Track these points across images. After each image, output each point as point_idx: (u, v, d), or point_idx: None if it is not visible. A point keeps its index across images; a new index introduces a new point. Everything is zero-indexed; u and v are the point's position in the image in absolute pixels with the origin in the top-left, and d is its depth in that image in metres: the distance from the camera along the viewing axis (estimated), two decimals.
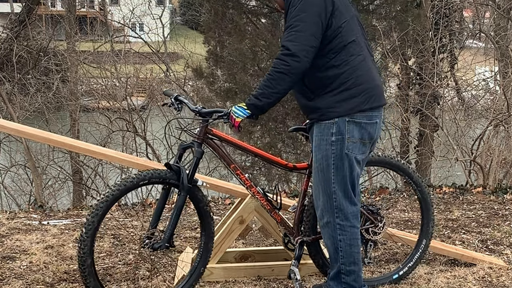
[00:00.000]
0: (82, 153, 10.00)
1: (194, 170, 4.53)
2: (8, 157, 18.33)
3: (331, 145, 4.21)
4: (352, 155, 4.22)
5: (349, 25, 4.15)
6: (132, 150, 16.47)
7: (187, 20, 45.79)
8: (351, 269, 4.35)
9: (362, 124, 4.20)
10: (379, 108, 4.28)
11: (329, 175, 4.26)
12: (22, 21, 18.64)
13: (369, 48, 4.40)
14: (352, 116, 4.16)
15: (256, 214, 4.98)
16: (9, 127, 5.36)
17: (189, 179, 4.49)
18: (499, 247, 5.83)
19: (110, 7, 34.83)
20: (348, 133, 4.18)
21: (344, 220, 4.29)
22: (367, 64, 4.23)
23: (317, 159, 4.31)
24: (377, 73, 4.39)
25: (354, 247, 4.34)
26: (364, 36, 4.34)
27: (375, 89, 4.24)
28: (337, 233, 4.31)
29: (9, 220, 7.23)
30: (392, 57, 14.08)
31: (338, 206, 4.28)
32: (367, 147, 4.31)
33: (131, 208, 8.27)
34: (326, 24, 4.06)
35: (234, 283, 4.85)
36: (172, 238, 4.58)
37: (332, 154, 4.22)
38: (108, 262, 5.49)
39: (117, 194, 4.37)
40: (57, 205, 15.28)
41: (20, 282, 4.94)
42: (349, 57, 4.15)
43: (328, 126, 4.22)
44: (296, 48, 4.04)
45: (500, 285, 4.86)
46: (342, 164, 4.22)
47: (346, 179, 4.26)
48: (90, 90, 20.18)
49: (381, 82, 4.42)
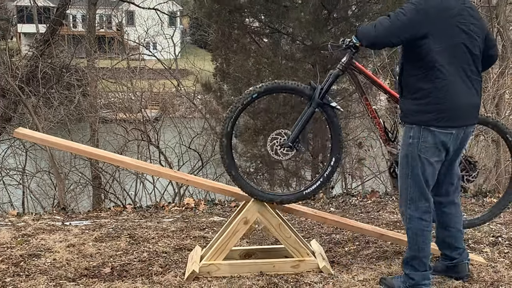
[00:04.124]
0: (101, 160, 10.01)
1: (328, 88, 4.88)
2: (34, 164, 18.34)
3: (409, 146, 4.49)
4: (424, 157, 4.44)
5: (443, 51, 4.28)
6: (146, 157, 16.46)
7: (196, 39, 45.75)
8: (415, 255, 4.57)
9: (436, 133, 4.39)
10: (453, 127, 4.42)
11: (407, 171, 4.54)
12: (46, 40, 18.61)
13: (469, 75, 4.44)
14: (427, 125, 4.38)
15: (259, 215, 4.98)
16: (35, 136, 5.38)
17: (320, 96, 4.84)
18: (480, 246, 5.82)
19: (126, 27, 34.86)
20: (422, 138, 4.41)
21: (414, 211, 4.55)
22: (452, 89, 4.33)
23: (401, 155, 4.59)
24: (469, 98, 4.44)
25: (419, 236, 4.56)
26: (467, 63, 4.40)
27: (450, 112, 4.36)
28: (407, 222, 4.60)
29: (35, 221, 7.25)
30: (382, 73, 14.09)
31: (412, 198, 4.55)
32: (442, 152, 4.47)
33: (146, 210, 8.28)
34: (417, 37, 4.26)
35: (239, 278, 4.85)
36: (296, 141, 4.90)
37: (410, 154, 4.49)
38: (124, 259, 5.50)
39: (263, 89, 4.91)
40: (78, 207, 15.27)
41: (44, 277, 4.95)
42: (435, 78, 4.31)
43: (408, 129, 4.50)
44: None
45: (480, 280, 4.86)
46: (416, 164, 4.47)
47: (420, 177, 4.49)
48: (108, 103, 20.19)
49: (470, 106, 4.49)
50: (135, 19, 36.33)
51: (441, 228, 4.92)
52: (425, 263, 4.59)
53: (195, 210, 8.28)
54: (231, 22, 13.15)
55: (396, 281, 4.66)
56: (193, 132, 17.48)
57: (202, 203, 8.69)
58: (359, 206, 8.31)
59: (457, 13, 4.32)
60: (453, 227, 4.87)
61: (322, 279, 4.84)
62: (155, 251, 5.78)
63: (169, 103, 21.06)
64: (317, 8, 11.90)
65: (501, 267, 5.19)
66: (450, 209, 4.84)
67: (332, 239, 6.24)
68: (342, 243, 6.03)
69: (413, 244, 4.57)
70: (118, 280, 4.89)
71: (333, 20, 12.40)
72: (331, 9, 11.97)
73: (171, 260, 5.47)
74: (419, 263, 4.58)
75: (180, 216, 7.76)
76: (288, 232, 5.05)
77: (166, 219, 7.46)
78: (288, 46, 13.11)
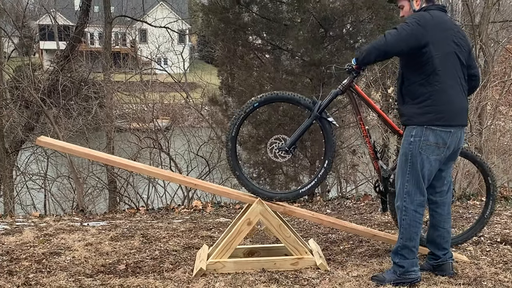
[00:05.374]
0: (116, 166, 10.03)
1: (326, 105, 5.04)
2: (55, 169, 18.36)
3: (410, 144, 4.61)
4: (425, 155, 4.56)
5: (442, 58, 4.48)
6: (158, 163, 16.44)
7: (204, 55, 45.87)
8: (405, 244, 4.66)
9: (437, 132, 4.53)
10: (451, 126, 4.57)
11: (406, 168, 4.64)
12: (66, 56, 18.65)
13: (462, 82, 4.65)
14: (429, 124, 4.51)
15: (261, 217, 4.99)
16: (56, 144, 5.40)
17: (319, 110, 5.00)
18: (464, 245, 5.82)
19: (140, 44, 34.96)
20: (424, 136, 4.54)
21: (409, 204, 4.64)
22: (449, 91, 4.52)
23: (401, 153, 4.71)
24: (461, 100, 4.62)
25: (412, 227, 4.64)
26: (459, 70, 4.61)
27: (449, 112, 4.55)
28: (402, 214, 4.65)
29: (56, 222, 7.27)
30: (374, 86, 14.11)
31: (407, 192, 4.64)
32: (441, 150, 4.59)
33: (157, 212, 8.29)
34: (420, 45, 4.44)
35: (243, 274, 4.86)
36: (293, 146, 5.02)
37: (410, 152, 4.61)
38: (138, 257, 5.51)
39: (263, 99, 5.05)
40: (95, 209, 15.27)
41: (64, 273, 4.96)
42: (434, 82, 4.49)
43: (410, 129, 4.62)
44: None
45: (464, 276, 4.86)
46: (416, 161, 4.59)
47: (418, 173, 4.60)
48: (123, 113, 20.16)
49: (462, 108, 4.66)
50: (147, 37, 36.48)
51: (432, 227, 4.98)
52: (414, 252, 4.68)
53: (202, 212, 8.29)
54: (236, 39, 13.14)
55: (387, 275, 4.69)
56: (201, 140, 17.46)
57: (209, 206, 8.71)
58: (353, 208, 8.32)
59: (449, 27, 4.60)
60: (443, 227, 4.94)
61: (319, 275, 4.85)
62: (166, 249, 5.79)
63: (178, 114, 21.04)
64: (314, 27, 11.90)
65: (483, 264, 5.20)
66: (442, 210, 4.93)
67: (328, 238, 6.25)
68: (337, 242, 6.04)
69: (406, 234, 4.64)
70: (132, 276, 4.89)
71: (329, 38, 12.38)
72: (327, 28, 11.96)
73: (181, 258, 5.48)
74: (408, 252, 4.65)
75: (189, 217, 7.77)
76: (288, 232, 5.06)
77: (176, 220, 7.47)
78: (288, 62, 13.09)
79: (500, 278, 4.80)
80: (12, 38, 24.12)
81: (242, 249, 5.37)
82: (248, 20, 13.10)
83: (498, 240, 6.00)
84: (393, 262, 4.72)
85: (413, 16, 4.59)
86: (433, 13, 4.59)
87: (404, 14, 4.81)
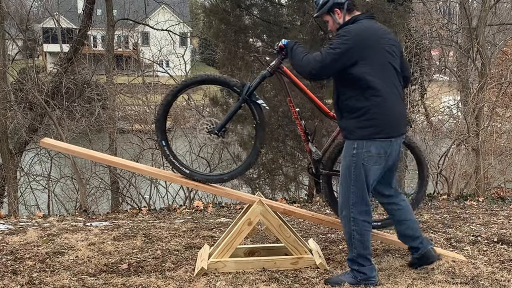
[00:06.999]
0: (119, 167, 10.03)
1: (255, 87, 4.98)
2: (58, 170, 18.34)
3: (352, 157, 4.52)
4: (368, 166, 4.50)
5: (375, 71, 4.40)
6: (160, 164, 16.42)
7: (205, 57, 45.92)
8: (361, 253, 4.62)
9: (378, 143, 4.47)
10: (392, 136, 4.52)
11: (350, 180, 4.56)
12: (69, 59, 18.66)
13: (399, 89, 4.60)
14: (369, 138, 4.45)
15: (262, 217, 5.00)
16: (59, 145, 5.41)
17: (248, 93, 4.95)
18: (461, 244, 5.82)
19: (142, 47, 34.97)
20: (365, 148, 4.47)
21: (357, 215, 4.58)
22: (386, 103, 4.43)
23: (343, 167, 4.62)
24: (400, 109, 4.58)
25: (363, 236, 4.61)
26: (395, 78, 4.55)
27: (388, 124, 4.48)
28: (351, 225, 4.60)
29: (59, 222, 7.26)
30: None
31: (354, 204, 4.57)
32: (383, 159, 4.54)
33: (159, 212, 8.28)
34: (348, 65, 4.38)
35: (244, 273, 4.86)
36: (223, 129, 5.03)
37: (354, 164, 4.52)
38: (140, 257, 5.50)
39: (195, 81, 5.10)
40: (98, 210, 15.25)
41: (68, 272, 4.96)
42: (371, 96, 4.40)
43: (351, 142, 4.54)
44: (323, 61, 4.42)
45: (461, 275, 4.86)
46: (359, 172, 4.52)
47: (363, 184, 4.54)
48: (125, 115, 20.17)
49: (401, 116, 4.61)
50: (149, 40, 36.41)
51: (398, 224, 5.00)
52: (369, 259, 4.66)
53: (204, 212, 8.29)
54: (237, 42, 13.16)
55: (345, 277, 4.66)
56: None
57: (210, 206, 8.71)
58: None
59: (380, 36, 4.52)
60: (408, 219, 4.95)
61: (318, 275, 4.85)
62: (168, 249, 5.79)
63: (180, 115, 21.02)
64: (314, 29, 11.92)
65: (480, 263, 5.20)
66: (401, 205, 4.95)
67: (327, 238, 6.25)
68: (336, 242, 6.04)
69: (359, 243, 4.60)
70: (134, 275, 4.90)
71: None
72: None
73: (182, 257, 5.48)
74: (364, 259, 4.63)
75: (190, 217, 7.77)
76: (288, 232, 5.06)
77: (177, 220, 7.46)
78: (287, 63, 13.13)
79: (497, 277, 4.81)
80: (16, 41, 24.16)
81: (243, 248, 5.37)
82: (249, 22, 13.13)
83: (495, 240, 6.01)
84: (352, 269, 4.68)
85: (341, 33, 4.46)
86: (362, 24, 4.50)
87: (331, 28, 4.76)
